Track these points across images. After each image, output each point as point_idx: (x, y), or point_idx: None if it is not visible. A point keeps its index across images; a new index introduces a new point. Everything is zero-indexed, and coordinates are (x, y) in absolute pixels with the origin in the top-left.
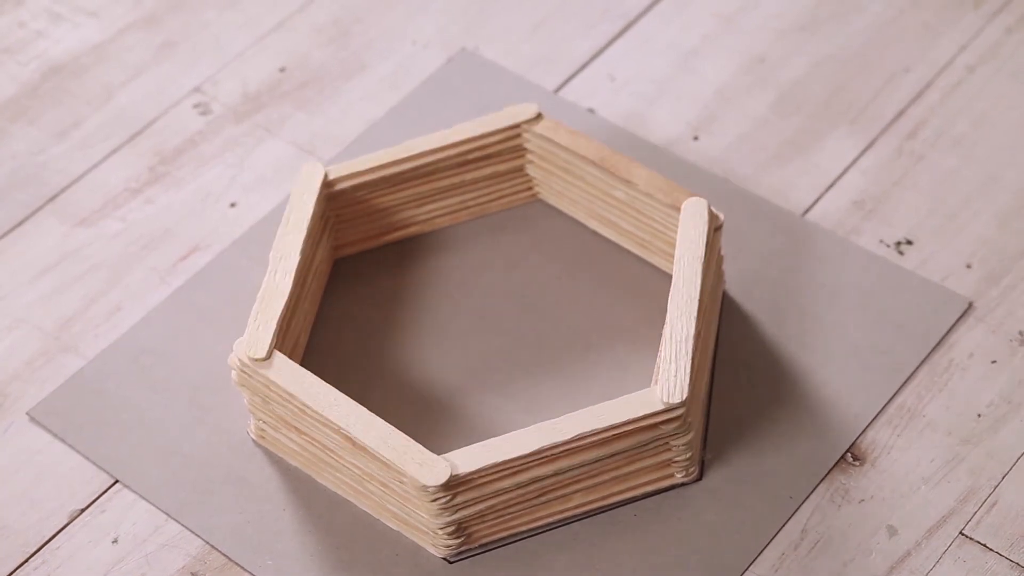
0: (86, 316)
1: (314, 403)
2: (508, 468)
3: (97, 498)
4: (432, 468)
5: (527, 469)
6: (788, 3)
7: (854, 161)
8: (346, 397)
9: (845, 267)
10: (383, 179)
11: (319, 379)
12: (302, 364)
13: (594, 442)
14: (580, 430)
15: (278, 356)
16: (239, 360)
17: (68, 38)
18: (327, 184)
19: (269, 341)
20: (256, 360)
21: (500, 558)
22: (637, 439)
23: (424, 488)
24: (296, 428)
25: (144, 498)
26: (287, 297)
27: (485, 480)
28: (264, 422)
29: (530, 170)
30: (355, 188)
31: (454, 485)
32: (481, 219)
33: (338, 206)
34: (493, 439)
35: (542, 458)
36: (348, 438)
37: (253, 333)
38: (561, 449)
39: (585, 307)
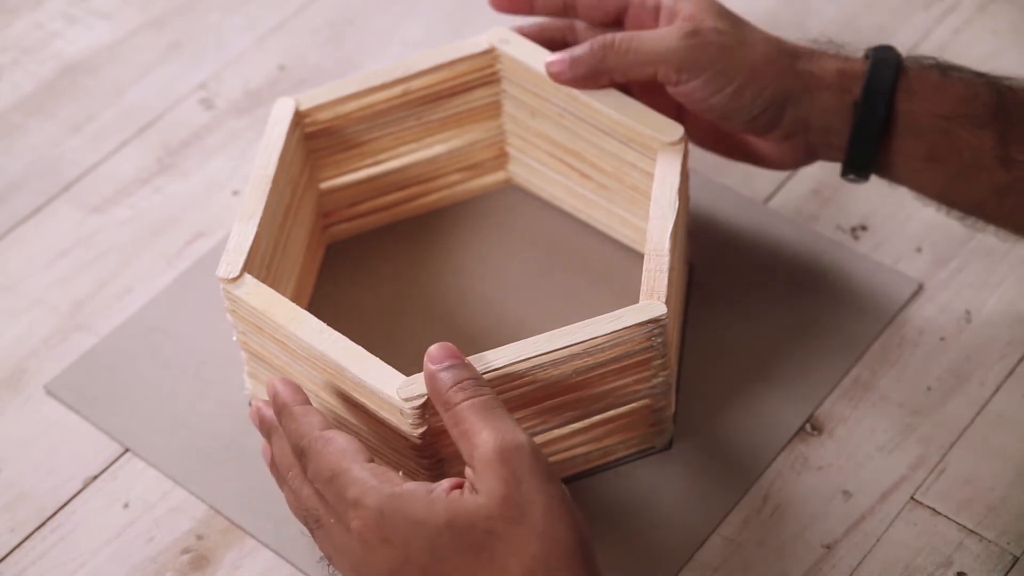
0: (99, 297)
1: (284, 321)
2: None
3: (109, 466)
4: (408, 382)
5: (503, 388)
6: (748, 6)
7: None
8: (319, 321)
9: (804, 251)
10: (357, 104)
11: (291, 302)
12: None
13: (574, 354)
14: (556, 344)
15: (248, 278)
16: (223, 289)
17: (82, 39)
18: (300, 115)
19: (240, 262)
20: (228, 281)
21: None
22: (618, 350)
23: (399, 404)
24: (279, 370)
25: (153, 466)
26: (260, 217)
27: None
28: (255, 376)
29: (503, 99)
30: (330, 117)
31: (429, 404)
32: (462, 204)
33: (313, 135)
34: (471, 356)
35: (519, 374)
36: (320, 359)
37: (226, 255)
38: (536, 362)
39: (565, 288)
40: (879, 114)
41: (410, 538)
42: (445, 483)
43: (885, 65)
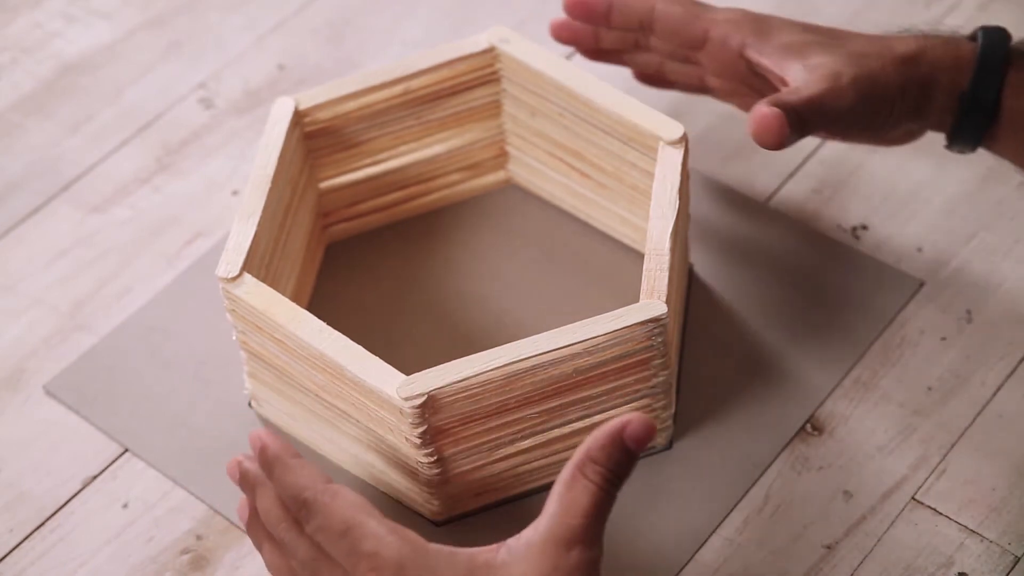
0: (98, 297)
1: (284, 320)
2: (485, 383)
3: (108, 466)
4: (408, 381)
5: (504, 386)
6: (750, 2)
7: (813, 152)
8: (319, 320)
9: (805, 250)
10: (357, 104)
11: (291, 302)
12: None
13: (574, 353)
14: (557, 343)
15: (248, 277)
16: (223, 288)
17: (82, 38)
18: (299, 115)
19: (240, 262)
20: (227, 280)
21: (481, 524)
22: (619, 349)
23: (399, 403)
24: (279, 369)
25: (152, 466)
26: (259, 216)
27: (460, 393)
28: (254, 376)
29: (503, 98)
30: (330, 117)
31: (429, 403)
32: (462, 204)
33: (313, 135)
34: (466, 358)
35: (518, 372)
36: (320, 358)
37: (225, 255)
38: (537, 361)
39: (565, 287)
40: (989, 99)
41: None
42: (472, 550)
43: (993, 55)
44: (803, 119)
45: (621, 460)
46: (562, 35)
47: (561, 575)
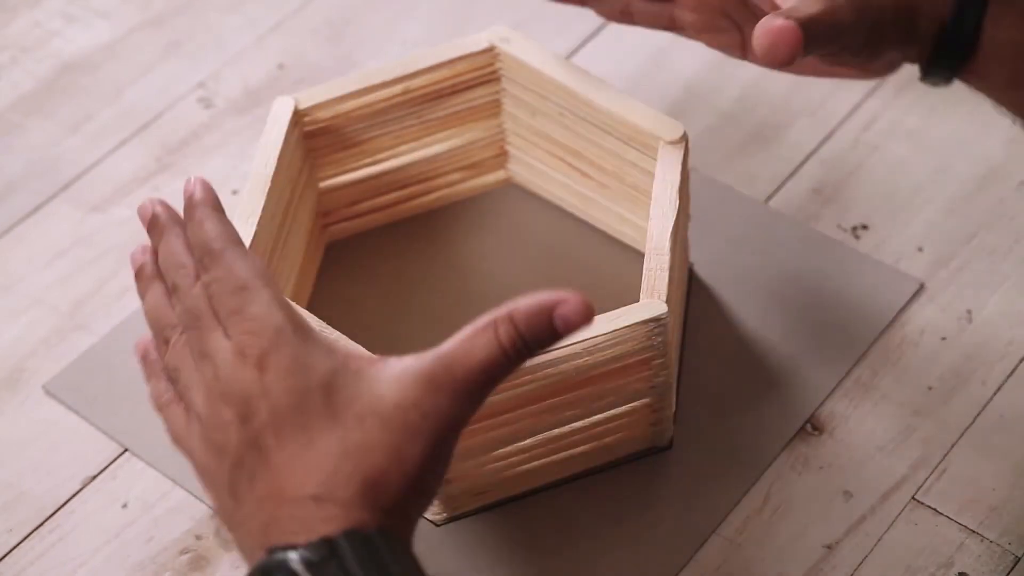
0: (97, 297)
1: None
2: None
3: (108, 466)
4: None
5: (504, 386)
6: None
7: (814, 152)
8: (318, 320)
9: (805, 250)
10: (357, 103)
11: (290, 301)
12: None
13: (574, 353)
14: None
15: None
16: None
17: (81, 38)
18: (299, 114)
19: None
20: None
21: (481, 524)
22: (619, 349)
23: None
24: None
25: (152, 466)
26: (259, 216)
27: None
28: None
29: (503, 97)
30: (330, 116)
31: None
32: (462, 203)
33: (313, 134)
34: None
35: (519, 373)
36: None
37: None
38: (537, 361)
39: (564, 287)
40: (967, 36)
41: (287, 374)
42: (352, 351)
43: None
44: (811, 42)
45: (540, 335)
46: None
47: (418, 414)
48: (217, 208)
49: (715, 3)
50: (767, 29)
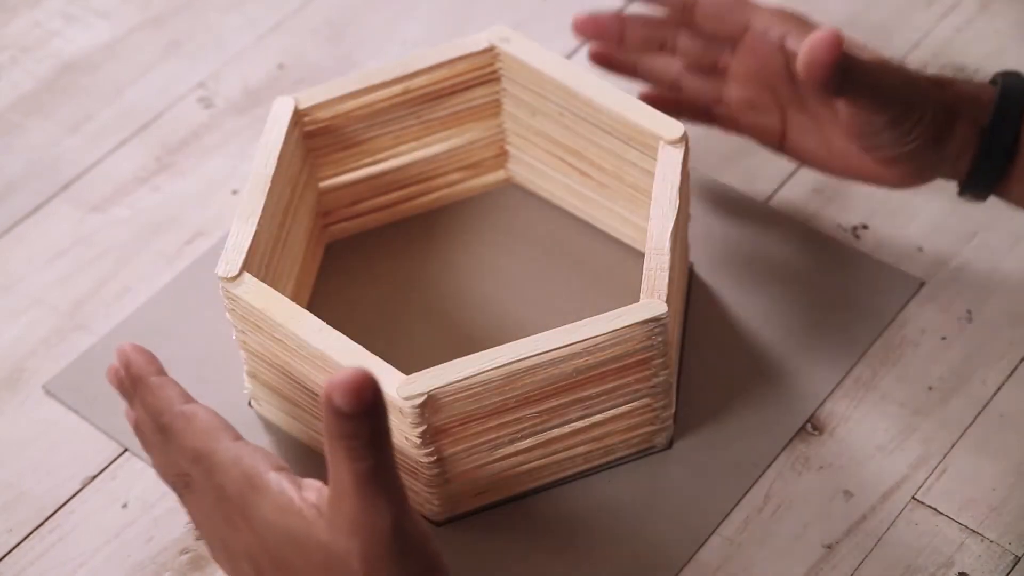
0: (97, 296)
1: (283, 319)
2: (485, 383)
3: (108, 465)
4: (408, 381)
5: (504, 386)
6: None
7: None
8: (318, 320)
9: (805, 250)
10: (357, 103)
11: (290, 301)
12: None
13: (574, 353)
14: (557, 343)
15: (248, 277)
16: (222, 288)
17: (81, 38)
18: (299, 114)
19: (240, 261)
20: (227, 280)
21: (481, 524)
22: (619, 349)
23: (399, 403)
24: (279, 369)
25: (152, 466)
26: (259, 216)
27: (460, 393)
28: (254, 375)
29: (503, 97)
30: (330, 116)
31: (429, 403)
32: (462, 203)
33: (313, 134)
34: (465, 357)
35: (518, 372)
36: (319, 358)
37: (225, 254)
38: (537, 361)
39: (565, 287)
40: (1006, 143)
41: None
42: (298, 502)
43: (1014, 92)
44: (851, 72)
45: (350, 427)
46: (587, 29)
47: (357, 560)
48: (154, 372)
49: (764, 78)
50: (811, 38)
